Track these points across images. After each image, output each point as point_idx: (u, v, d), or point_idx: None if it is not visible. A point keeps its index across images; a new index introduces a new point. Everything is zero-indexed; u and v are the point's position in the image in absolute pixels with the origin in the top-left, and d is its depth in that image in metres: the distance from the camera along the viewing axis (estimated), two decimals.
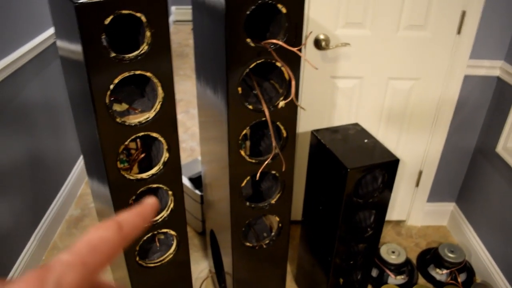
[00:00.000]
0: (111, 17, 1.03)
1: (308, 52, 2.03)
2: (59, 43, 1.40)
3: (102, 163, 1.22)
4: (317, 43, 1.99)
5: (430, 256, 2.30)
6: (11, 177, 2.00)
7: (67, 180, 2.66)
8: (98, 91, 1.10)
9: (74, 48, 1.13)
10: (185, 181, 2.39)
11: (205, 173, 1.84)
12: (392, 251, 2.20)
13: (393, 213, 2.59)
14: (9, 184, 1.99)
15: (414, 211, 2.57)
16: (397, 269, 2.17)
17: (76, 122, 1.55)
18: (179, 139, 1.30)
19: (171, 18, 6.46)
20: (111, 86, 1.11)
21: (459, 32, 2.01)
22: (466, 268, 2.25)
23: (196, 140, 3.48)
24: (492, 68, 2.12)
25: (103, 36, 1.04)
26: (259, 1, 1.12)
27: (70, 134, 2.72)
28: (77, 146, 2.87)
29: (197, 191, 2.30)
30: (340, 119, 2.22)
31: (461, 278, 2.20)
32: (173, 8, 6.52)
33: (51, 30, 2.37)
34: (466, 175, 2.46)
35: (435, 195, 2.54)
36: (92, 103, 1.11)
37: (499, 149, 2.09)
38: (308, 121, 2.22)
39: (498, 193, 2.15)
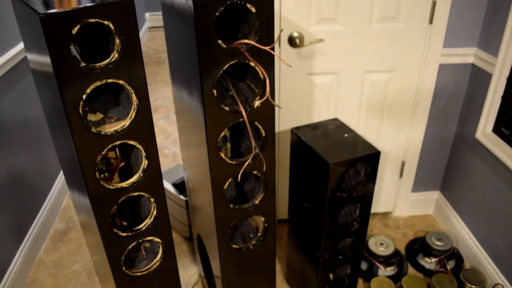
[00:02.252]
0: (78, 26, 1.01)
1: (282, 51, 2.03)
2: (29, 56, 1.38)
3: (80, 174, 1.21)
4: (291, 41, 1.99)
5: (418, 246, 2.32)
6: None
7: (49, 194, 2.62)
8: (71, 102, 1.08)
9: (43, 60, 1.11)
10: (169, 187, 2.37)
11: (188, 178, 1.82)
12: (380, 243, 2.21)
13: (379, 205, 2.61)
14: None
15: (399, 202, 2.59)
16: (386, 260, 2.19)
17: (53, 135, 1.53)
18: (160, 146, 1.29)
19: (146, 25, 6.41)
20: (84, 96, 1.09)
21: (431, 21, 2.03)
22: (455, 255, 2.27)
23: (177, 145, 3.46)
24: (466, 55, 2.15)
25: (72, 46, 1.03)
26: (228, 2, 1.11)
27: (49, 148, 2.68)
28: (57, 160, 2.83)
29: (181, 197, 2.28)
30: (319, 115, 2.22)
31: (450, 265, 2.23)
32: (147, 15, 6.48)
33: (21, 45, 2.33)
34: (448, 163, 2.49)
35: (419, 184, 2.57)
36: (65, 114, 1.09)
37: (479, 135, 2.11)
38: (288, 119, 2.22)
39: (480, 178, 2.17)
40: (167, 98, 4.29)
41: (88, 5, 1.01)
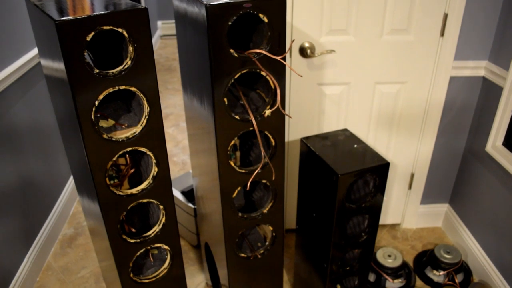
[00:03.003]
0: (92, 33, 1.03)
1: (293, 61, 2.04)
2: (43, 62, 1.40)
3: (91, 180, 1.22)
4: (302, 51, 2.00)
5: (427, 258, 2.30)
6: (0, 200, 1.98)
7: (58, 199, 2.64)
8: (83, 108, 1.09)
9: (57, 66, 1.13)
10: (178, 194, 2.38)
11: (197, 186, 1.83)
12: (388, 254, 2.20)
13: (387, 217, 2.59)
14: None
15: (408, 213, 2.57)
16: (394, 272, 2.17)
17: (64, 141, 1.54)
18: (169, 153, 1.30)
19: (158, 33, 6.47)
20: (96, 103, 1.10)
21: (442, 34, 2.03)
22: (463, 268, 2.24)
23: (187, 153, 3.47)
24: (477, 68, 2.15)
25: (86, 53, 1.04)
26: (241, 12, 1.12)
27: (59, 154, 2.70)
28: (67, 165, 2.85)
29: (190, 204, 2.29)
30: (329, 125, 2.22)
31: (459, 278, 2.20)
32: (159, 23, 6.54)
33: (34, 51, 2.36)
34: (457, 176, 2.47)
35: (428, 196, 2.55)
36: (77, 120, 1.10)
37: (489, 148, 2.10)
38: (298, 128, 2.22)
39: (490, 192, 2.15)
40: (177, 106, 4.31)
41: (102, 12, 1.03)
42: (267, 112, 1.28)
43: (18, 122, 2.15)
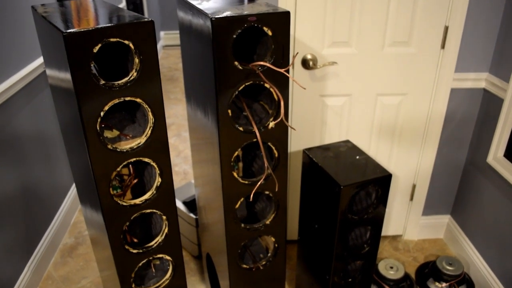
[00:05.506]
0: (99, 45, 1.04)
1: (296, 72, 2.05)
2: (49, 72, 1.41)
3: (94, 190, 1.22)
4: (305, 63, 2.02)
5: (429, 270, 2.29)
6: (2, 208, 1.98)
7: (60, 209, 2.64)
8: (89, 119, 1.10)
9: (63, 76, 1.14)
10: (180, 204, 2.38)
11: (199, 196, 1.83)
12: (390, 266, 2.19)
13: (389, 228, 2.59)
14: (1, 215, 1.97)
15: (410, 225, 2.57)
16: (396, 284, 2.16)
17: (68, 150, 1.55)
18: (171, 163, 1.30)
19: (160, 43, 6.51)
20: (102, 113, 1.11)
21: (443, 46, 2.05)
22: (465, 280, 2.24)
23: (189, 163, 3.47)
24: (478, 80, 2.16)
25: (92, 64, 1.05)
26: (245, 25, 1.14)
27: (61, 162, 2.71)
28: (69, 174, 2.85)
29: (191, 215, 2.29)
30: (331, 136, 2.23)
31: None
32: (162, 33, 6.58)
33: (40, 60, 2.38)
34: (459, 187, 2.47)
35: (430, 208, 2.55)
36: (83, 130, 1.11)
37: (490, 159, 2.11)
38: (300, 139, 2.23)
39: (492, 203, 2.16)
40: (179, 116, 4.32)
41: (109, 25, 1.04)
42: (271, 124, 1.29)
43: (21, 131, 2.16)
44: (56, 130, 2.62)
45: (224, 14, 1.13)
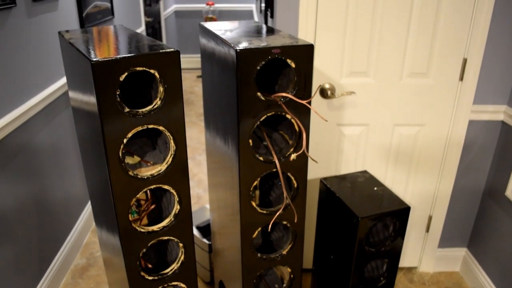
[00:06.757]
0: (126, 73, 1.06)
1: (314, 101, 2.06)
2: (72, 94, 1.43)
3: (113, 215, 1.22)
4: (323, 92, 2.03)
5: None
6: (17, 226, 1.99)
7: (73, 229, 2.65)
8: (112, 145, 1.11)
9: (88, 100, 1.16)
10: (193, 229, 2.37)
11: (214, 220, 1.83)
12: None
13: (404, 260, 2.54)
14: (15, 233, 1.98)
15: (425, 257, 2.53)
16: None
17: (87, 172, 1.56)
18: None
19: None
20: (125, 140, 1.12)
21: (461, 78, 2.05)
22: None
23: (202, 187, 3.47)
24: (496, 112, 2.15)
25: (118, 92, 1.07)
26: (270, 57, 1.15)
27: (76, 181, 2.72)
28: (84, 194, 2.86)
29: (205, 240, 2.27)
30: (347, 165, 2.22)
31: None
32: None
33: (61, 81, 2.42)
34: (476, 219, 2.44)
35: (446, 240, 2.51)
36: (105, 156, 1.12)
37: (509, 192, 2.08)
38: (315, 168, 2.22)
39: (510, 237, 2.12)
40: (194, 139, 4.35)
41: (136, 54, 1.06)
42: (293, 156, 1.29)
43: (39, 151, 2.18)
44: (72, 151, 2.65)
45: (249, 46, 1.15)
